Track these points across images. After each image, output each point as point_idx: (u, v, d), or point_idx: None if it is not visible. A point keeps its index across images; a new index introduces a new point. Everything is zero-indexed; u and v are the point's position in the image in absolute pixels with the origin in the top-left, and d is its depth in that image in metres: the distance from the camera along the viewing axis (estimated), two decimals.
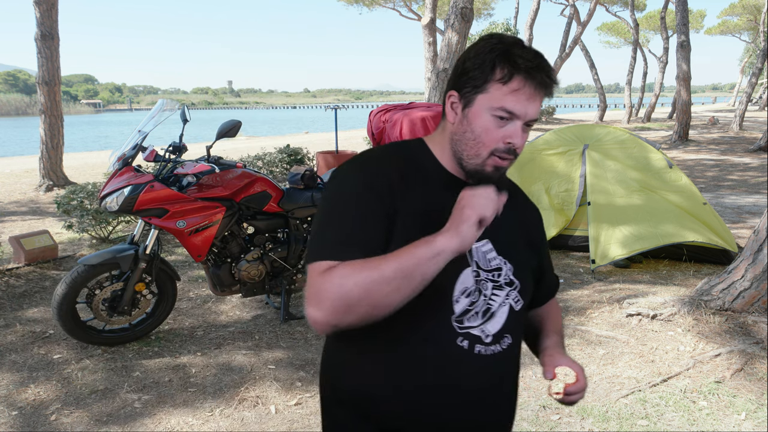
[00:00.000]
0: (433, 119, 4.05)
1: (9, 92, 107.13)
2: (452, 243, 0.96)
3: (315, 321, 0.96)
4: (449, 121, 1.12)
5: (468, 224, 0.97)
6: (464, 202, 1.00)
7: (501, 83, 1.03)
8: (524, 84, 1.03)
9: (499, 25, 21.21)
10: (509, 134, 1.05)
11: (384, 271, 0.93)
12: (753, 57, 42.53)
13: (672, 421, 2.64)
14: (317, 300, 0.95)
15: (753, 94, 31.11)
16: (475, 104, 1.06)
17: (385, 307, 0.95)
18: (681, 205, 5.11)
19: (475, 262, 1.11)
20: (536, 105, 1.05)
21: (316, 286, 0.96)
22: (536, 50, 1.06)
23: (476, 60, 1.06)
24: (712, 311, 3.57)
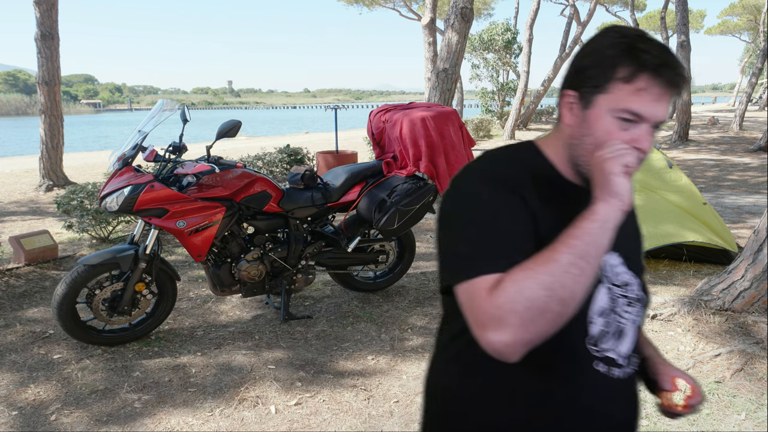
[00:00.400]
0: (433, 119, 4.05)
1: (9, 92, 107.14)
2: (612, 205, 0.89)
3: (505, 345, 0.82)
4: (565, 123, 1.02)
5: (616, 177, 0.90)
6: (600, 159, 0.92)
7: (624, 82, 0.93)
8: (651, 83, 0.92)
9: (499, 25, 21.18)
10: (635, 138, 0.95)
11: (560, 261, 0.84)
12: (753, 57, 42.53)
13: (672, 421, 2.64)
14: (498, 321, 0.82)
15: (753, 94, 31.09)
16: (595, 105, 0.96)
17: (573, 300, 0.84)
18: (681, 205, 5.11)
19: (606, 277, 1.02)
20: (664, 105, 0.94)
21: (489, 306, 0.84)
22: (662, 44, 0.95)
23: (595, 57, 0.96)
24: (712, 311, 3.57)
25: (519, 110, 18.92)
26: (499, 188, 0.96)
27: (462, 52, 7.64)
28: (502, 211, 0.94)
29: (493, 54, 21.51)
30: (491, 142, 18.22)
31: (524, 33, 19.73)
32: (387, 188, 3.89)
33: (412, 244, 4.47)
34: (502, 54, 21.24)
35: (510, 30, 21.18)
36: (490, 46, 21.15)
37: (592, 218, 0.88)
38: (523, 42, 19.84)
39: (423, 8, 18.06)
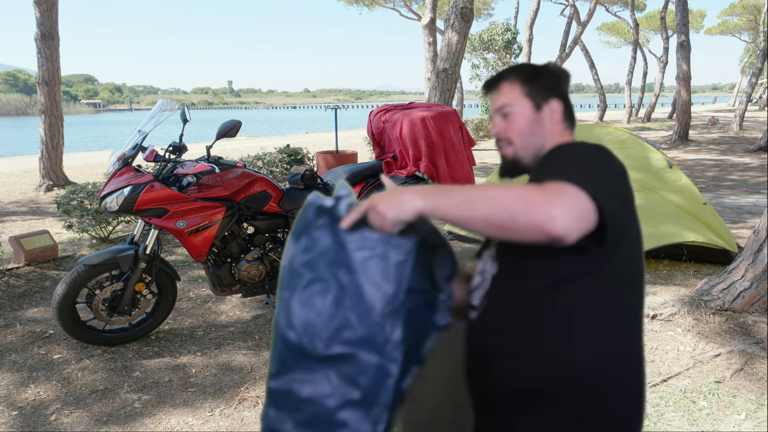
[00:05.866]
0: (433, 119, 4.05)
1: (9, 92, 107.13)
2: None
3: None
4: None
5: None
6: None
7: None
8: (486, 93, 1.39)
9: (499, 25, 21.20)
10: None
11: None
12: (753, 57, 42.54)
13: (672, 421, 2.64)
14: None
15: (753, 94, 31.12)
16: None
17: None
18: (681, 205, 5.11)
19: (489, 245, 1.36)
20: (500, 96, 1.32)
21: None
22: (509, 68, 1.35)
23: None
24: (712, 311, 3.57)
25: None
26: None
27: (462, 52, 7.64)
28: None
29: (493, 54, 21.51)
30: (491, 141, 18.22)
31: (524, 33, 19.73)
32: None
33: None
34: (502, 54, 21.23)
35: (510, 30, 21.17)
36: (490, 46, 21.15)
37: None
38: (523, 42, 19.84)
39: (423, 8, 18.06)
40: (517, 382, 1.14)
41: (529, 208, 0.99)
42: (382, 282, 1.06)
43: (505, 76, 1.33)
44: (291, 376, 1.09)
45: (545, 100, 1.30)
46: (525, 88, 1.30)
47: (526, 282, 1.16)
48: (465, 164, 4.17)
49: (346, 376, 1.06)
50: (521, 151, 1.30)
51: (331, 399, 1.06)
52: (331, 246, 1.08)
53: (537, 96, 1.30)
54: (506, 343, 1.16)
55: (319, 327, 1.06)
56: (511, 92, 1.31)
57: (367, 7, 26.43)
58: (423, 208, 1.04)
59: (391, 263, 1.07)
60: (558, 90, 1.33)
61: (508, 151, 1.31)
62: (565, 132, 1.32)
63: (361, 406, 1.07)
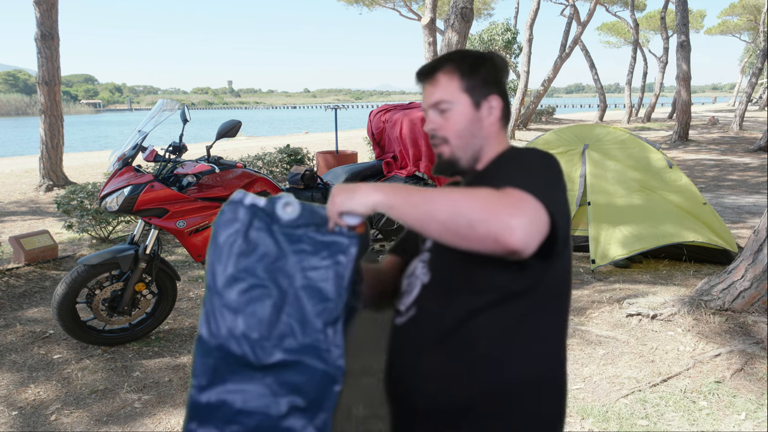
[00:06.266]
0: None
1: (9, 92, 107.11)
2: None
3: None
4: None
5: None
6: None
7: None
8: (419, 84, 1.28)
9: (499, 25, 21.20)
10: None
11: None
12: (753, 57, 42.53)
13: (672, 421, 2.64)
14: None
15: (753, 94, 31.12)
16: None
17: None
18: (681, 205, 5.11)
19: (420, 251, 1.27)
20: (436, 90, 1.22)
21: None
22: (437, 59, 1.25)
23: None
24: (712, 311, 3.57)
25: (519, 110, 18.92)
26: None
27: None
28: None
29: None
30: None
31: (524, 33, 19.73)
32: None
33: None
34: (502, 54, 21.23)
35: (510, 30, 21.19)
36: (490, 46, 21.16)
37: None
38: (523, 42, 19.83)
39: (423, 8, 18.05)
40: (447, 399, 1.10)
41: (488, 217, 0.93)
42: (323, 286, 1.03)
43: (442, 66, 1.22)
44: (224, 388, 1.04)
45: (485, 97, 1.22)
46: (464, 82, 1.21)
47: (461, 297, 1.11)
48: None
49: (289, 383, 1.04)
50: (458, 152, 1.22)
51: (274, 407, 1.03)
52: (270, 250, 1.04)
53: (477, 92, 1.21)
54: (436, 359, 1.11)
55: (261, 335, 1.03)
56: (449, 86, 1.21)
57: (367, 7, 26.44)
58: (380, 202, 1.00)
59: (332, 267, 1.04)
60: (498, 85, 1.24)
61: (444, 150, 1.23)
62: (501, 132, 1.25)
63: (306, 413, 1.04)
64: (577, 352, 3.36)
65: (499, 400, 1.09)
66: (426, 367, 1.12)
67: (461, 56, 1.23)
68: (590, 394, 2.89)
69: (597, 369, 3.15)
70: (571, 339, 3.53)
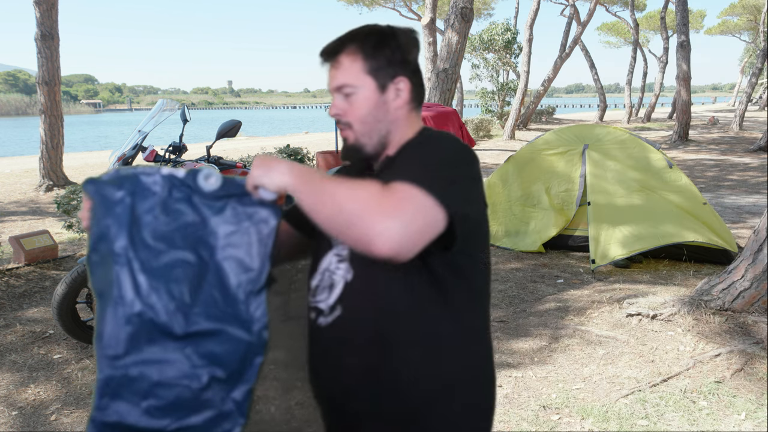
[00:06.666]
0: (433, 119, 4.05)
1: (9, 92, 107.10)
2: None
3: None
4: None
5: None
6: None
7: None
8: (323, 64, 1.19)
9: (499, 25, 21.19)
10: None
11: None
12: (753, 57, 42.52)
13: (672, 421, 2.64)
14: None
15: (753, 94, 31.12)
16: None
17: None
18: (681, 205, 5.11)
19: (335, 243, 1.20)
20: (339, 72, 1.15)
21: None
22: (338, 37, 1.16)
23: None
24: (712, 311, 3.57)
25: (519, 110, 18.93)
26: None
27: (462, 52, 7.64)
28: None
29: (493, 54, 21.52)
30: (491, 142, 18.23)
31: (524, 33, 19.73)
32: None
33: None
34: (502, 54, 21.24)
35: (510, 30, 21.18)
36: (490, 46, 21.16)
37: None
38: (523, 42, 19.84)
39: (423, 8, 18.06)
40: (386, 401, 1.08)
41: (361, 220, 0.91)
42: (246, 258, 1.03)
43: (345, 47, 1.14)
44: (141, 357, 1.00)
45: (391, 79, 1.14)
46: (368, 63, 1.13)
47: (389, 298, 1.07)
48: None
49: (210, 354, 1.01)
50: (363, 138, 1.16)
51: (195, 379, 1.01)
52: (191, 219, 1.03)
53: (382, 74, 1.13)
54: (367, 361, 1.08)
55: (183, 302, 1.01)
56: (352, 68, 1.13)
57: (367, 7, 26.46)
58: (287, 185, 1.00)
59: (255, 237, 1.03)
60: (406, 65, 1.16)
61: (349, 136, 1.17)
62: (411, 114, 1.18)
63: (227, 385, 1.03)
64: (577, 352, 3.36)
65: (435, 398, 1.08)
66: (358, 368, 1.10)
67: (365, 34, 1.14)
68: (590, 394, 2.89)
69: (597, 369, 3.15)
70: (571, 339, 3.53)
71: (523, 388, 2.97)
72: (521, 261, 5.25)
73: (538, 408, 2.77)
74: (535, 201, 5.62)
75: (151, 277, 1.01)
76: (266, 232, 1.04)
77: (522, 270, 5.00)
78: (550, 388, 2.96)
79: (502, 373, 3.14)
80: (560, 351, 3.38)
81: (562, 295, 4.33)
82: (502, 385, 3.01)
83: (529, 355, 3.36)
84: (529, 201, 5.65)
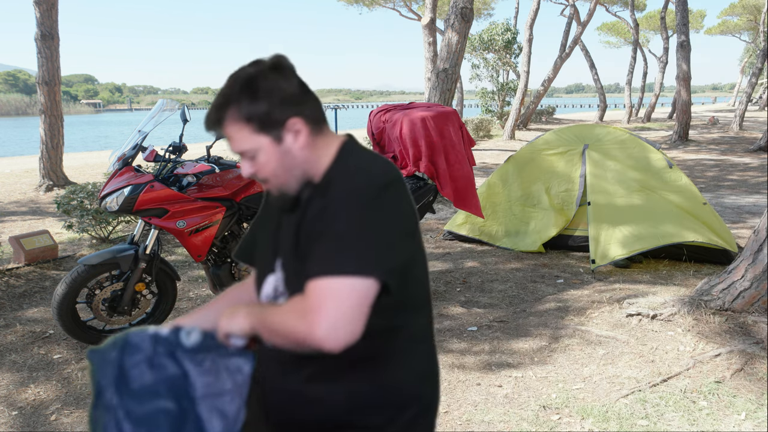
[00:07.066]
0: (433, 119, 4.05)
1: (9, 92, 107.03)
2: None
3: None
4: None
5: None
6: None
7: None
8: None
9: (499, 25, 21.17)
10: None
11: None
12: (753, 57, 42.51)
13: (672, 421, 2.64)
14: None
15: (753, 94, 31.12)
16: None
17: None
18: (681, 205, 5.11)
19: (274, 271, 1.24)
20: (233, 141, 1.14)
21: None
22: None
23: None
24: (712, 311, 3.57)
25: (519, 110, 18.92)
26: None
27: (462, 52, 7.64)
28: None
29: (493, 54, 21.51)
30: (491, 141, 18.23)
31: (524, 33, 19.72)
32: None
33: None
34: (502, 54, 21.23)
35: (510, 30, 21.17)
36: (490, 46, 21.15)
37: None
38: (523, 42, 19.83)
39: (423, 8, 18.06)
40: (320, 417, 1.15)
41: (302, 338, 0.99)
42: (223, 406, 1.14)
43: (224, 116, 1.12)
44: None
45: (282, 126, 1.11)
46: (252, 124, 1.10)
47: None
48: (465, 164, 4.17)
49: None
50: (284, 186, 1.16)
51: None
52: (173, 372, 1.14)
53: (271, 126, 1.10)
54: (298, 380, 1.15)
55: None
56: (241, 136, 1.11)
57: (367, 7, 26.44)
58: (247, 328, 1.10)
59: (230, 387, 1.15)
60: (288, 101, 1.11)
61: (272, 188, 1.18)
62: (319, 140, 1.15)
63: None
64: (577, 352, 3.36)
65: (367, 416, 1.13)
66: (293, 387, 1.16)
67: (237, 94, 1.10)
68: (590, 394, 2.89)
69: (597, 369, 3.15)
70: (571, 339, 3.53)
71: (523, 388, 2.97)
72: (521, 261, 5.25)
73: (538, 408, 2.78)
74: (535, 201, 5.62)
75: (135, 425, 1.11)
76: (241, 380, 1.16)
77: (522, 270, 5.00)
78: (550, 388, 2.96)
79: (502, 373, 3.15)
80: (560, 351, 3.38)
81: (562, 295, 4.33)
82: (502, 385, 3.01)
83: (529, 355, 3.36)
84: (529, 201, 5.65)
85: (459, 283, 4.71)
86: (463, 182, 4.15)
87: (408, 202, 1.12)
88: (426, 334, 1.24)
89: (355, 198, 1.06)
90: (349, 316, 0.98)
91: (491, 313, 4.04)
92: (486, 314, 4.01)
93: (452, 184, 4.10)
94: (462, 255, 5.52)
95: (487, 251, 5.59)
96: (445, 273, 4.96)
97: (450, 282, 4.73)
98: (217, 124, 1.14)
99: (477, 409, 2.78)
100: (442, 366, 3.22)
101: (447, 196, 4.09)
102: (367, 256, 1.01)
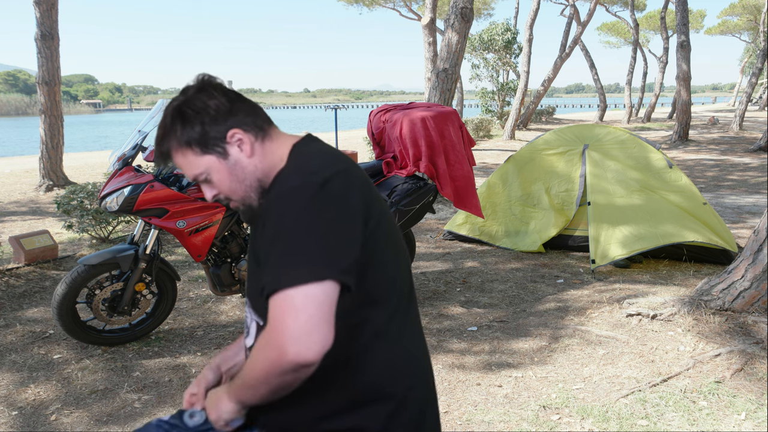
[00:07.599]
0: (433, 119, 4.05)
1: (9, 92, 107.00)
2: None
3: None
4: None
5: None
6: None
7: None
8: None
9: (499, 25, 21.17)
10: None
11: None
12: (753, 57, 42.52)
13: (672, 421, 2.64)
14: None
15: (753, 94, 31.12)
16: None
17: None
18: (681, 205, 5.11)
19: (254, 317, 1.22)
20: (185, 169, 1.17)
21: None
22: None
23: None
24: (712, 311, 3.57)
25: (519, 110, 18.92)
26: None
27: (462, 52, 7.64)
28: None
29: (493, 54, 21.51)
30: (491, 141, 18.23)
31: (524, 33, 19.72)
32: (387, 188, 3.88)
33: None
34: (502, 54, 21.23)
35: (510, 30, 21.17)
36: (490, 46, 21.15)
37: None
38: (523, 42, 19.83)
39: (423, 8, 18.05)
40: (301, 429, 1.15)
41: (279, 365, 0.97)
42: None
43: (168, 148, 1.15)
44: None
45: (223, 141, 1.13)
46: (195, 147, 1.13)
47: None
48: (465, 164, 4.17)
49: None
50: (245, 200, 1.17)
51: None
52: None
53: (212, 144, 1.13)
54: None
55: None
56: (188, 161, 1.15)
57: (367, 7, 26.43)
58: (238, 407, 1.11)
59: None
60: (222, 115, 1.13)
61: (235, 205, 1.19)
62: (266, 144, 1.16)
63: None
64: (577, 352, 3.36)
65: (349, 425, 1.12)
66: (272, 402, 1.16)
67: (171, 123, 1.13)
68: (590, 394, 2.89)
69: (597, 369, 3.15)
70: (571, 339, 3.53)
71: (523, 388, 2.97)
72: (521, 261, 5.25)
73: (538, 408, 2.78)
74: (535, 201, 5.62)
75: None
76: None
77: (522, 270, 5.00)
78: (550, 388, 2.96)
79: (502, 373, 3.15)
80: (560, 351, 3.38)
81: (562, 295, 4.33)
82: (502, 385, 3.01)
83: (529, 355, 3.36)
84: (529, 201, 5.65)
85: (459, 283, 4.71)
86: (463, 182, 4.15)
87: (355, 193, 1.07)
88: (398, 327, 1.16)
89: (293, 199, 1.03)
90: (313, 323, 0.96)
91: (491, 313, 4.04)
92: (486, 314, 4.01)
93: (452, 184, 4.10)
94: (462, 255, 5.52)
95: (487, 251, 5.59)
96: (445, 273, 4.96)
97: (450, 282, 4.73)
98: (165, 158, 1.16)
99: (477, 409, 2.78)
100: (442, 366, 3.22)
101: (447, 196, 4.09)
102: (317, 259, 0.98)
